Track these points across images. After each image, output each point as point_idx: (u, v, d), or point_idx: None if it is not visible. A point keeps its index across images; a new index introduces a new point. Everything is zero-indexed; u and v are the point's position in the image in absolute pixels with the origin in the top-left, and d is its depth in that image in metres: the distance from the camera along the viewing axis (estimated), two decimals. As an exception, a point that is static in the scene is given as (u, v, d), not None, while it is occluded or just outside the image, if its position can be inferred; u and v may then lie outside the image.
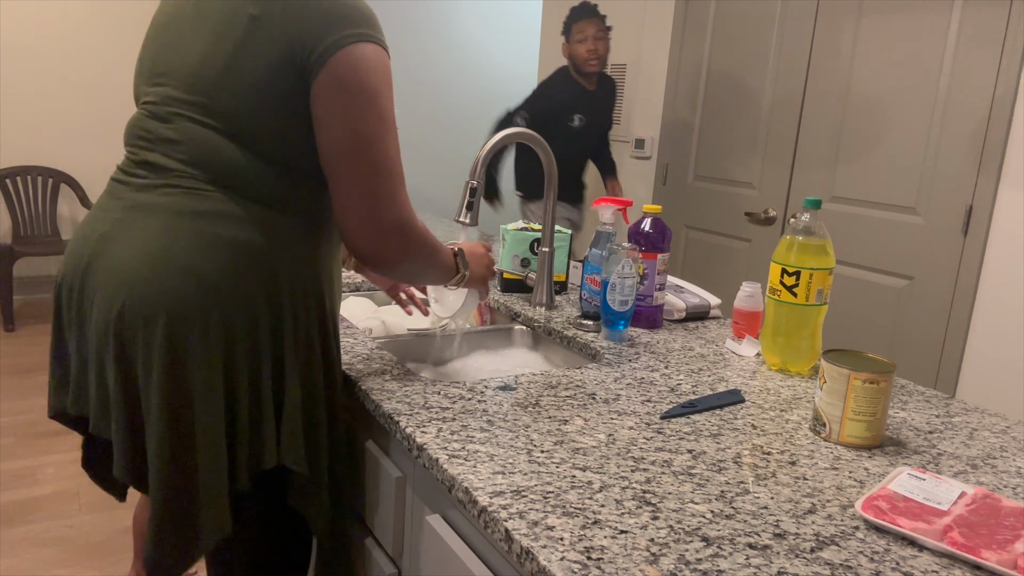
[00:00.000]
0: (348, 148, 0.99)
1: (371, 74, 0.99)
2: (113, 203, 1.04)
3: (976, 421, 1.17)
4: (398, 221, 1.03)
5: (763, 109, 2.80)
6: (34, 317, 4.27)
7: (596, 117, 3.19)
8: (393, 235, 1.04)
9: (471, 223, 1.38)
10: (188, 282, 0.96)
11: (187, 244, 0.97)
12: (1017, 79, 2.07)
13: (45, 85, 4.33)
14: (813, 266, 1.24)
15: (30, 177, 4.24)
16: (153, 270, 0.96)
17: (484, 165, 1.39)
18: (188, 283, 0.96)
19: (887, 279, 2.43)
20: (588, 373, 1.26)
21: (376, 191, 1.01)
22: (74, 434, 2.89)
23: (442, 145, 5.16)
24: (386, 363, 1.25)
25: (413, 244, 1.07)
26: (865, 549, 0.78)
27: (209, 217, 0.99)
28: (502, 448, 0.95)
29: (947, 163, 2.25)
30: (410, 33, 4.88)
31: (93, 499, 2.45)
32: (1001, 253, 2.12)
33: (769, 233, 2.82)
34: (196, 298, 0.96)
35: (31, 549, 2.18)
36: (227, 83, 0.98)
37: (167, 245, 0.97)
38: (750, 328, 1.47)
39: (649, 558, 0.74)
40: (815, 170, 2.64)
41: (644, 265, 1.51)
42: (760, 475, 0.93)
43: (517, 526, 0.78)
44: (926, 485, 0.88)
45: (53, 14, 4.27)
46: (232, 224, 0.99)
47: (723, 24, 2.96)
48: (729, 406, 1.15)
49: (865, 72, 2.45)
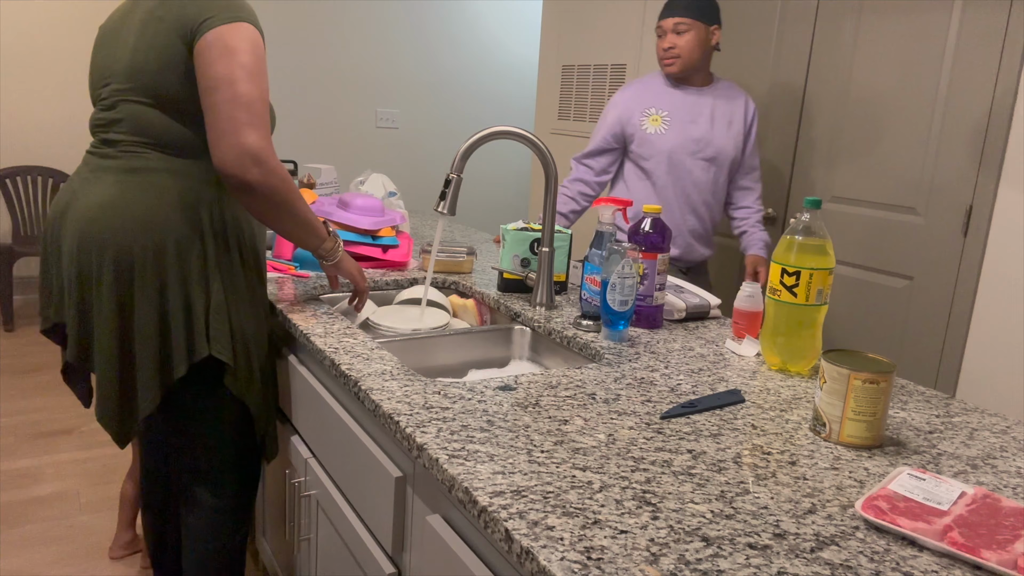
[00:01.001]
0: (213, 86, 1.28)
1: (231, 38, 1.29)
2: (83, 168, 1.42)
3: (976, 421, 1.17)
4: (254, 145, 1.27)
5: (763, 109, 2.80)
6: (34, 317, 4.27)
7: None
8: (251, 160, 1.28)
9: (448, 212, 1.51)
10: (127, 220, 1.33)
11: (130, 194, 1.34)
12: (1017, 79, 2.07)
13: (45, 85, 4.33)
14: (813, 266, 1.24)
15: (30, 177, 4.24)
16: (103, 213, 1.33)
17: (464, 159, 1.49)
18: (127, 221, 1.33)
19: (887, 279, 2.43)
20: (588, 373, 1.26)
21: (232, 117, 1.26)
22: (74, 434, 2.89)
23: (443, 145, 5.16)
24: (386, 363, 1.25)
25: (272, 174, 1.30)
26: (865, 549, 0.78)
27: (145, 171, 1.36)
28: (502, 448, 0.95)
29: (947, 163, 2.25)
30: (412, 33, 4.88)
31: (93, 499, 2.45)
32: (1001, 253, 2.12)
33: (769, 233, 2.82)
34: (133, 231, 1.32)
35: (31, 549, 2.18)
36: (147, 68, 1.33)
37: (115, 195, 1.34)
38: (750, 328, 1.47)
39: (649, 558, 0.74)
40: (815, 170, 2.64)
41: (644, 265, 1.51)
42: (760, 475, 0.93)
43: (517, 526, 0.78)
44: (926, 485, 0.88)
45: (53, 14, 4.27)
46: (166, 176, 1.36)
47: (723, 24, 2.96)
48: (729, 406, 1.15)
49: (865, 72, 2.45)
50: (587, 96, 3.64)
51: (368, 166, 4.96)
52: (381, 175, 2.35)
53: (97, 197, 1.35)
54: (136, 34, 1.35)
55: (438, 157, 5.17)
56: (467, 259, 1.93)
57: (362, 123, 4.87)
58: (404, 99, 4.97)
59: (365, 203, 1.99)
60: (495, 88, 5.27)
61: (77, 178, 1.42)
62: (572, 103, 3.74)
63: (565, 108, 3.80)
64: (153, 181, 1.35)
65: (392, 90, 4.92)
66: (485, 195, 5.38)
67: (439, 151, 5.16)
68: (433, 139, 5.12)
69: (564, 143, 3.83)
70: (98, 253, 1.33)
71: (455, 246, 1.93)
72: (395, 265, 1.99)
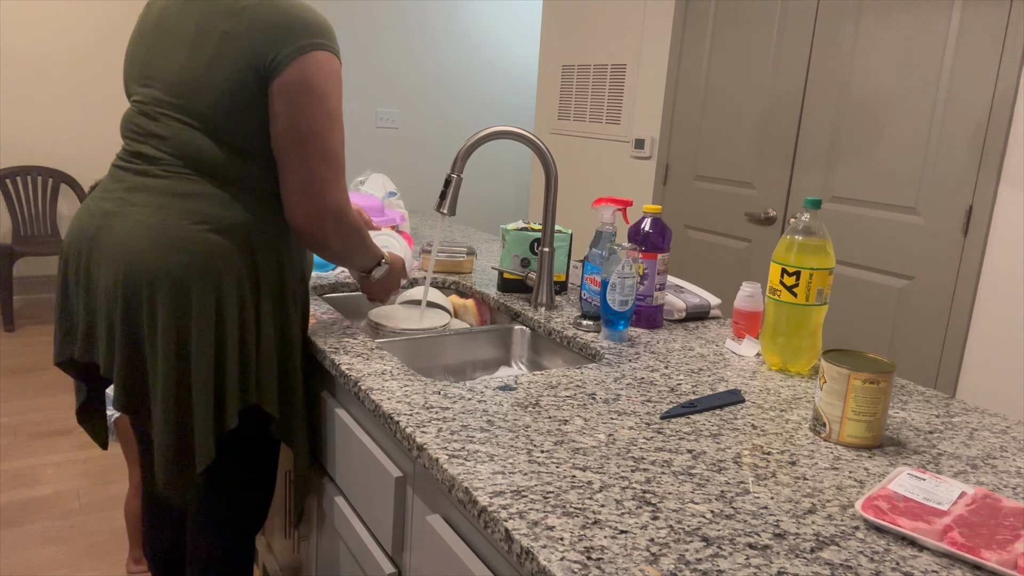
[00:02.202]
0: (296, 138, 1.17)
1: (319, 77, 1.17)
2: (115, 185, 1.23)
3: (976, 421, 1.17)
4: (335, 204, 1.21)
5: (763, 109, 2.80)
6: (34, 317, 4.27)
7: None
8: (330, 218, 1.22)
9: (448, 212, 1.48)
10: (181, 253, 1.16)
11: (178, 221, 1.17)
12: (1017, 79, 2.07)
13: (45, 85, 4.33)
14: (813, 266, 1.24)
15: (30, 177, 4.24)
16: (152, 242, 1.16)
17: (464, 159, 1.48)
18: (181, 254, 1.16)
19: (887, 279, 2.43)
20: (588, 373, 1.26)
21: (318, 175, 1.18)
22: (74, 434, 2.89)
23: (443, 145, 5.16)
24: (386, 363, 1.25)
25: (346, 228, 1.25)
26: (865, 549, 0.78)
27: (194, 197, 1.19)
28: (502, 448, 0.95)
29: (947, 163, 2.25)
30: (412, 33, 4.88)
31: (93, 499, 2.45)
32: (1001, 253, 2.12)
33: (769, 233, 2.82)
34: (190, 263, 1.16)
35: (31, 549, 2.18)
36: (203, 89, 1.17)
37: (162, 221, 1.17)
38: (750, 328, 1.47)
39: (649, 558, 0.74)
40: (815, 170, 2.64)
41: (644, 265, 1.51)
42: (760, 475, 0.93)
43: (517, 526, 0.78)
44: (926, 485, 0.88)
45: (53, 15, 4.27)
46: (214, 203, 1.19)
47: (723, 24, 2.96)
48: (729, 406, 1.15)
49: (865, 72, 2.45)
50: (587, 96, 3.64)
51: (368, 166, 4.96)
52: (381, 175, 2.35)
53: (141, 224, 1.17)
54: (192, 43, 1.18)
55: (438, 157, 5.17)
56: (467, 259, 1.93)
57: (362, 123, 4.87)
58: (404, 99, 4.97)
59: (365, 203, 1.99)
60: (495, 88, 5.27)
61: (108, 196, 1.23)
62: (572, 103, 3.74)
63: (565, 108, 3.80)
64: (205, 210, 1.18)
65: (392, 90, 4.92)
66: (485, 195, 5.38)
67: (439, 151, 5.16)
68: (433, 139, 5.12)
69: (564, 143, 3.83)
70: (149, 289, 1.16)
71: (455, 246, 1.93)
72: (395, 265, 1.99)
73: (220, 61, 1.16)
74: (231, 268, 1.19)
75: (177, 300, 1.16)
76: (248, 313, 1.22)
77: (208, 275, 1.17)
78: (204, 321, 1.17)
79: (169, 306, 1.15)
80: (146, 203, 1.18)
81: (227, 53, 1.15)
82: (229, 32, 1.15)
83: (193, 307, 1.16)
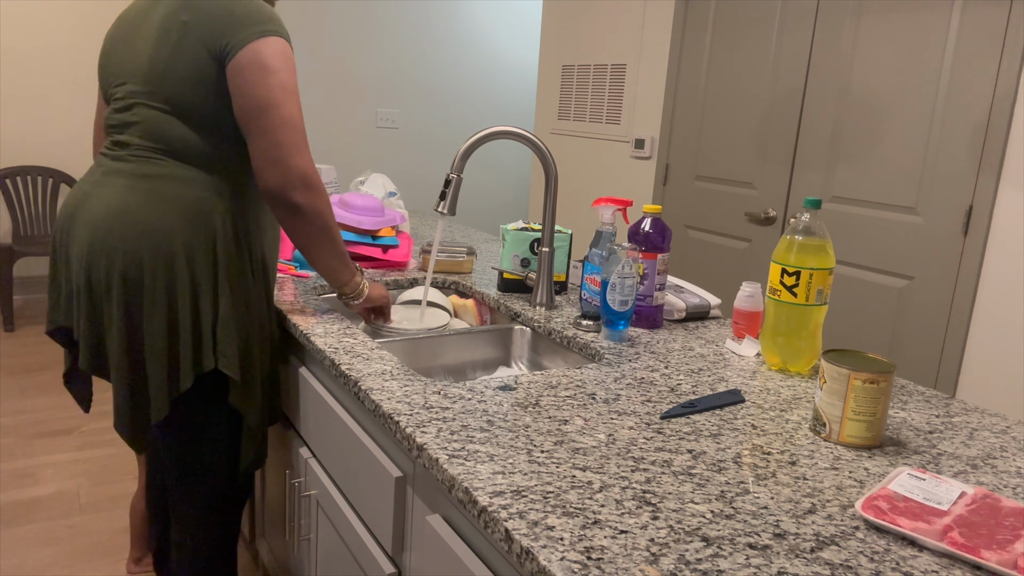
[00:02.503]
0: (255, 111, 1.27)
1: (267, 56, 1.28)
2: (94, 170, 1.39)
3: (976, 421, 1.17)
4: (301, 168, 1.30)
5: (763, 109, 2.80)
6: (34, 317, 4.27)
7: None
8: (298, 181, 1.30)
9: (448, 212, 1.50)
10: (137, 227, 1.30)
11: (141, 201, 1.31)
12: (1017, 79, 2.07)
13: (45, 85, 4.33)
14: (813, 266, 1.24)
15: (30, 177, 4.24)
16: (113, 219, 1.30)
17: (464, 159, 1.49)
18: (137, 228, 1.30)
19: (887, 279, 2.43)
20: (588, 373, 1.26)
21: (281, 141, 1.28)
22: (74, 434, 2.89)
23: (443, 145, 5.16)
24: (386, 363, 1.25)
25: (319, 196, 1.33)
26: (865, 549, 0.78)
27: (159, 179, 1.32)
28: (502, 448, 0.95)
29: (947, 163, 2.25)
30: (412, 33, 4.88)
31: (93, 499, 2.45)
32: (1001, 253, 2.12)
33: (769, 233, 2.82)
34: (142, 239, 1.29)
35: (31, 549, 2.18)
36: (169, 73, 1.30)
37: (125, 201, 1.31)
38: (750, 328, 1.47)
39: (649, 558, 0.74)
40: (815, 170, 2.64)
41: (644, 265, 1.51)
42: (760, 475, 0.93)
43: (517, 526, 0.78)
44: (926, 485, 0.88)
45: (52, 14, 4.27)
46: (178, 184, 1.33)
47: (723, 24, 2.96)
48: (729, 406, 1.15)
49: (865, 72, 2.45)
50: (587, 96, 3.64)
51: (368, 166, 4.96)
52: (381, 175, 2.35)
53: (106, 202, 1.32)
54: (156, 36, 1.31)
55: (438, 157, 5.17)
56: (467, 259, 1.93)
57: (362, 123, 4.87)
58: (404, 99, 4.97)
59: (365, 203, 1.99)
60: (495, 88, 5.27)
61: (89, 179, 1.38)
62: (572, 103, 3.74)
63: (565, 108, 3.80)
64: (165, 188, 1.32)
65: (392, 90, 4.92)
66: (485, 195, 5.38)
67: (439, 151, 5.16)
68: (433, 139, 5.13)
69: (564, 143, 3.83)
70: (107, 261, 1.30)
71: (455, 246, 1.93)
72: (395, 265, 1.99)
73: (182, 48, 1.29)
74: (185, 239, 1.31)
75: (129, 274, 1.29)
76: (203, 287, 1.34)
77: (160, 252, 1.30)
78: (154, 293, 1.30)
79: (121, 279, 1.30)
80: (115, 184, 1.33)
81: (188, 41, 1.29)
82: (188, 22, 1.29)
83: (145, 281, 1.30)
